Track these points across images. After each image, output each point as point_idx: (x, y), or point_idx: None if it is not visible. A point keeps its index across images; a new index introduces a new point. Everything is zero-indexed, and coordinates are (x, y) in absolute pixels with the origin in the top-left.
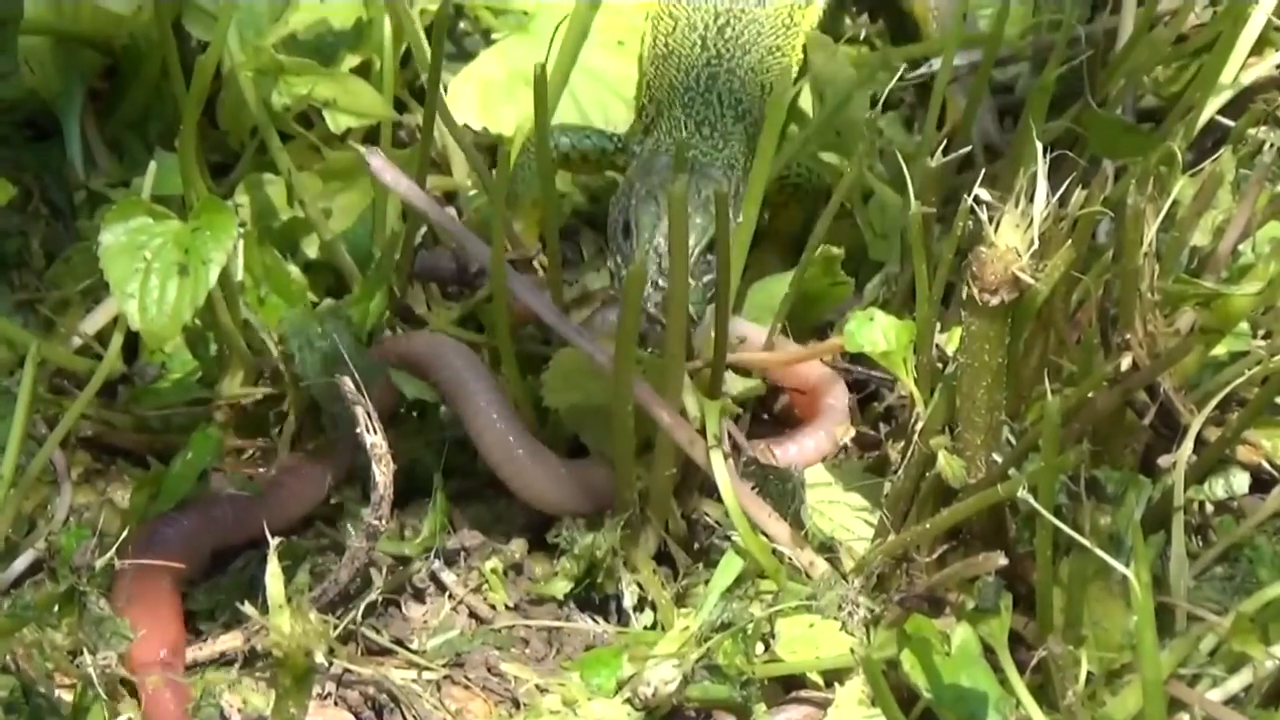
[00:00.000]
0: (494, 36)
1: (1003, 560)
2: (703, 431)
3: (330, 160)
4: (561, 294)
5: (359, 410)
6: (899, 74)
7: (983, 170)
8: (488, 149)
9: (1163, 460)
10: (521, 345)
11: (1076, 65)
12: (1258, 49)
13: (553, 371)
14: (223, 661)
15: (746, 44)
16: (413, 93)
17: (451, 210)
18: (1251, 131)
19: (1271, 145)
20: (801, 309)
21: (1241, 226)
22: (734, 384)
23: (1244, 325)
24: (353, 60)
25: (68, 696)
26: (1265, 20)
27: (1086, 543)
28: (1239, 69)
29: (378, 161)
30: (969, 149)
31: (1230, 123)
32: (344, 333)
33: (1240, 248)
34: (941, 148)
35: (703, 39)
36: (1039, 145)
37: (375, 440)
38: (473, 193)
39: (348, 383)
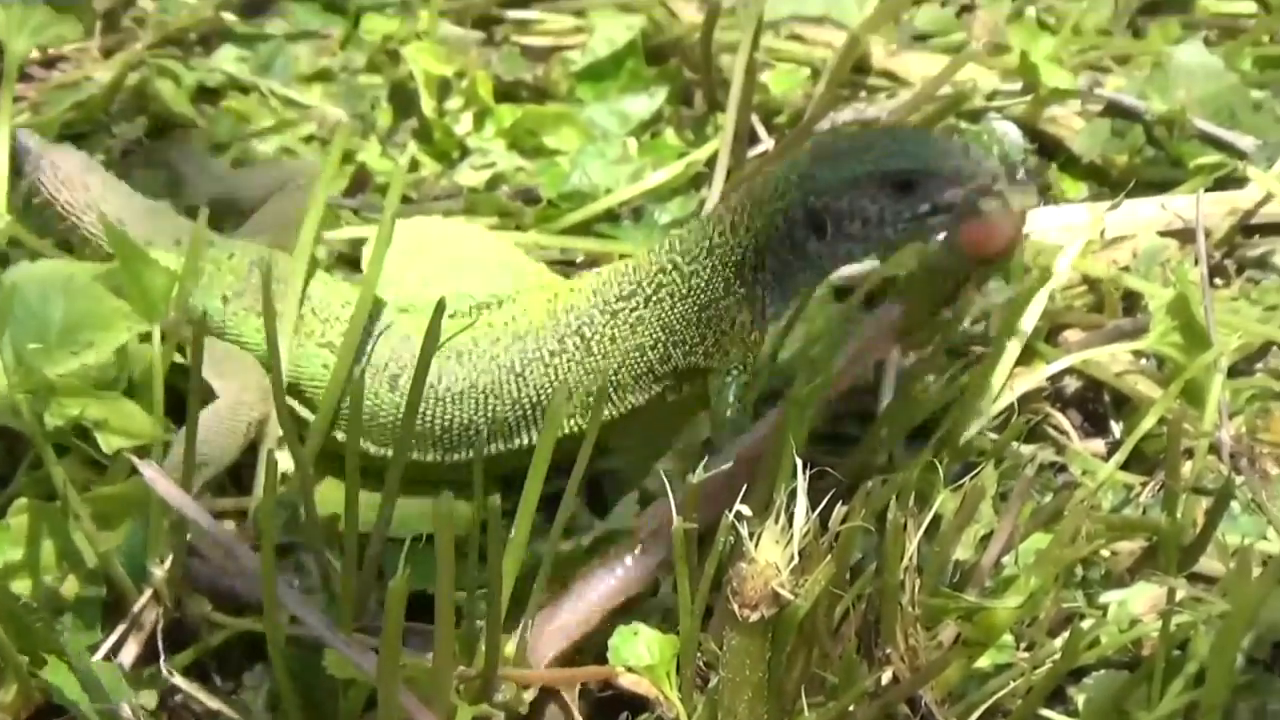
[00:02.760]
0: None
1: None
2: None
3: (107, 475)
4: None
5: None
6: None
7: (744, 486)
8: None
9: None
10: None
11: None
12: (1025, 360)
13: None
14: None
15: None
16: None
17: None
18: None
19: (1033, 459)
20: None
21: (1004, 540)
22: (506, 691)
23: (1007, 637)
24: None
25: None
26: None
27: None
28: (1004, 383)
29: (151, 473)
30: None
31: (994, 436)
32: None
33: (1004, 560)
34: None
35: None
36: (798, 461)
37: None
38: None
39: None
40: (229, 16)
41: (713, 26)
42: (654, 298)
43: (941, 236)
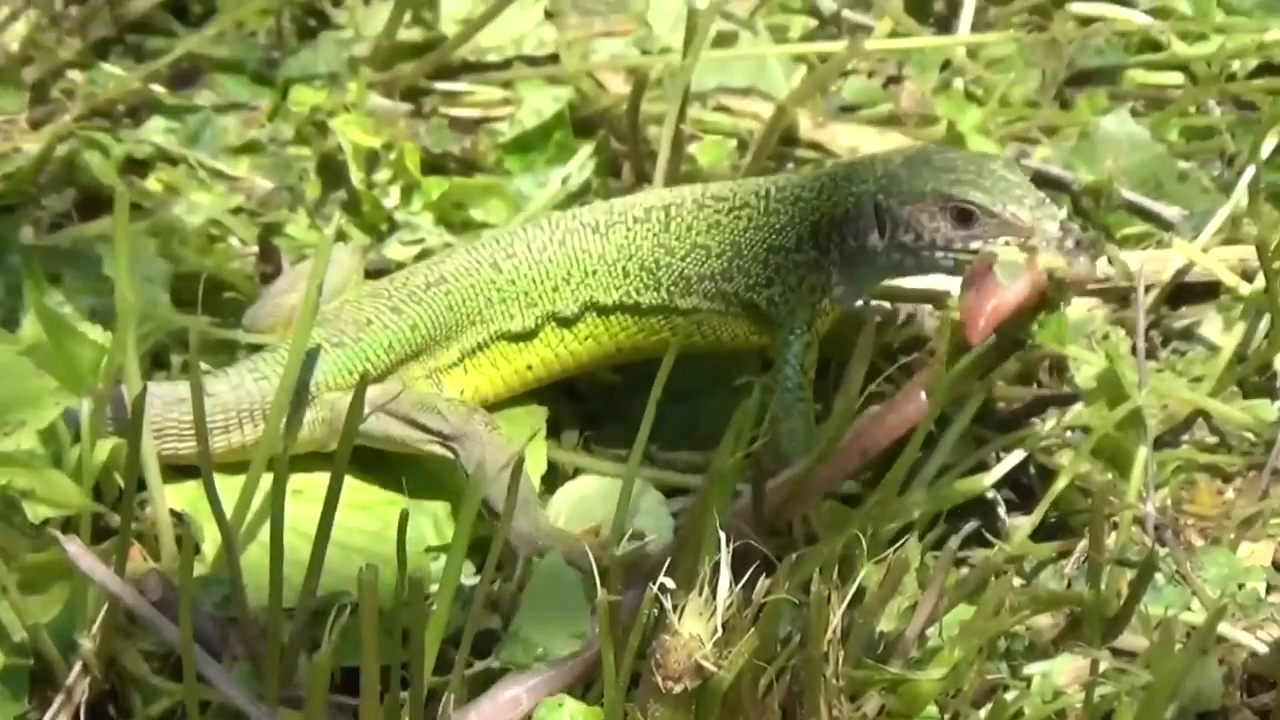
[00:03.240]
0: None
1: None
2: None
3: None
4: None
5: None
6: None
7: (668, 559)
8: None
9: None
10: None
11: None
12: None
13: None
14: None
15: None
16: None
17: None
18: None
19: (958, 531)
20: None
21: (928, 611)
22: None
23: (932, 708)
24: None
25: None
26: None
27: None
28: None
29: (74, 548)
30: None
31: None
32: None
33: (928, 632)
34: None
35: None
36: (720, 534)
37: None
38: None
39: None
40: (157, 88)
41: (640, 98)
42: (736, 212)
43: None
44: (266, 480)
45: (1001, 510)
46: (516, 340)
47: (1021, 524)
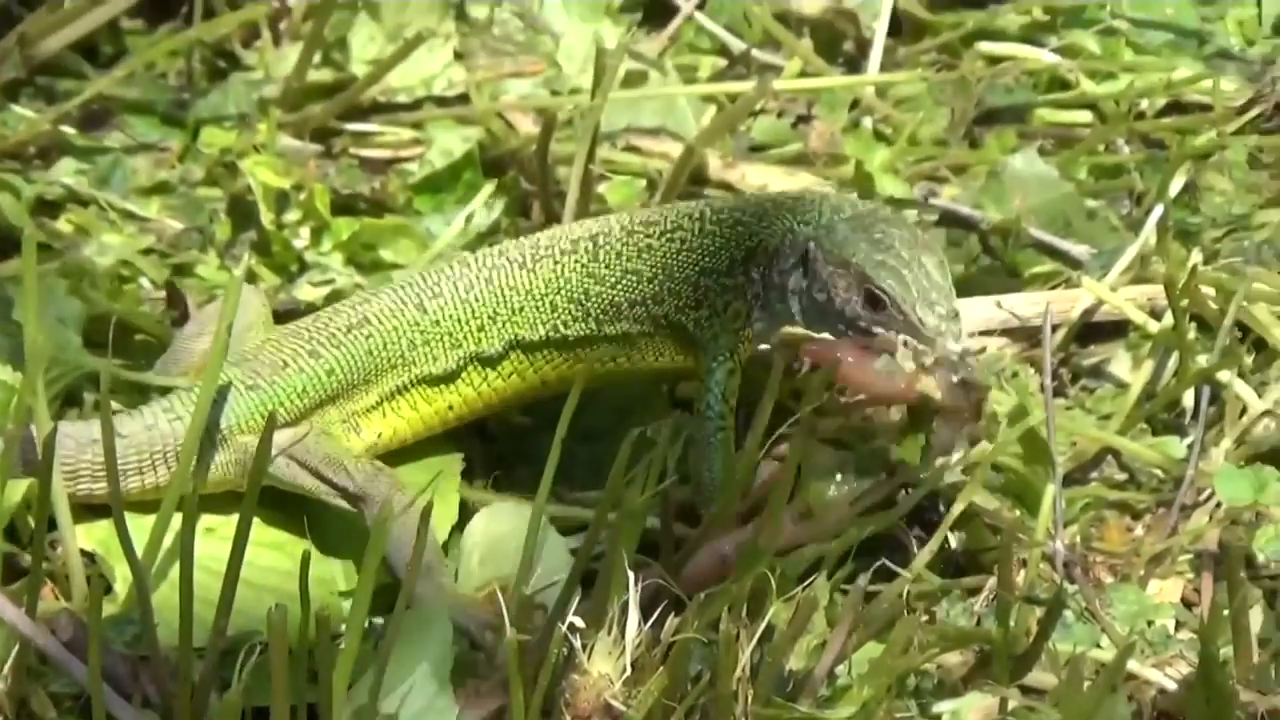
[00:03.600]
0: None
1: None
2: None
3: None
4: None
5: None
6: None
7: (576, 598)
8: None
9: None
10: None
11: None
12: None
13: None
14: None
15: None
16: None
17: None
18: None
19: (867, 570)
20: None
21: (837, 649)
22: None
23: None
24: None
25: None
26: None
27: None
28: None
29: None
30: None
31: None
32: None
33: (837, 670)
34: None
35: None
36: (629, 573)
37: None
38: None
39: None
40: (68, 130)
41: (549, 138)
42: (669, 235)
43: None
44: (178, 520)
45: (913, 547)
46: (438, 383)
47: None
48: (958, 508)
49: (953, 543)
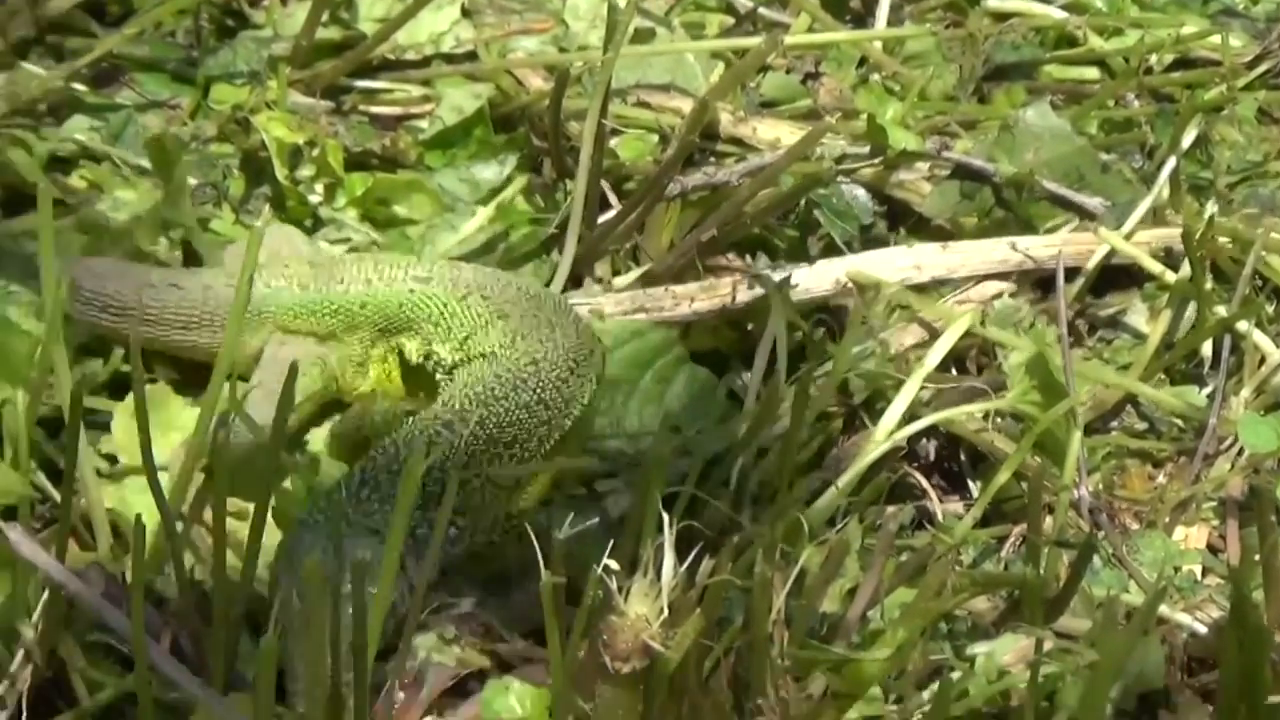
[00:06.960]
0: None
1: None
2: None
3: None
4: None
5: None
6: None
7: (610, 542)
8: None
9: None
10: None
11: None
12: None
13: None
14: None
15: None
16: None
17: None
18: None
19: (895, 515)
20: None
21: (870, 594)
22: None
23: (876, 690)
24: None
25: None
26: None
27: None
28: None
29: (15, 535)
30: (596, 520)
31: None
32: None
33: (870, 614)
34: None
35: None
36: (664, 515)
37: None
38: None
39: None
40: (79, 87)
41: (562, 94)
42: None
43: None
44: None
45: (935, 496)
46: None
47: (953, 509)
48: (1003, 475)
49: (975, 491)
